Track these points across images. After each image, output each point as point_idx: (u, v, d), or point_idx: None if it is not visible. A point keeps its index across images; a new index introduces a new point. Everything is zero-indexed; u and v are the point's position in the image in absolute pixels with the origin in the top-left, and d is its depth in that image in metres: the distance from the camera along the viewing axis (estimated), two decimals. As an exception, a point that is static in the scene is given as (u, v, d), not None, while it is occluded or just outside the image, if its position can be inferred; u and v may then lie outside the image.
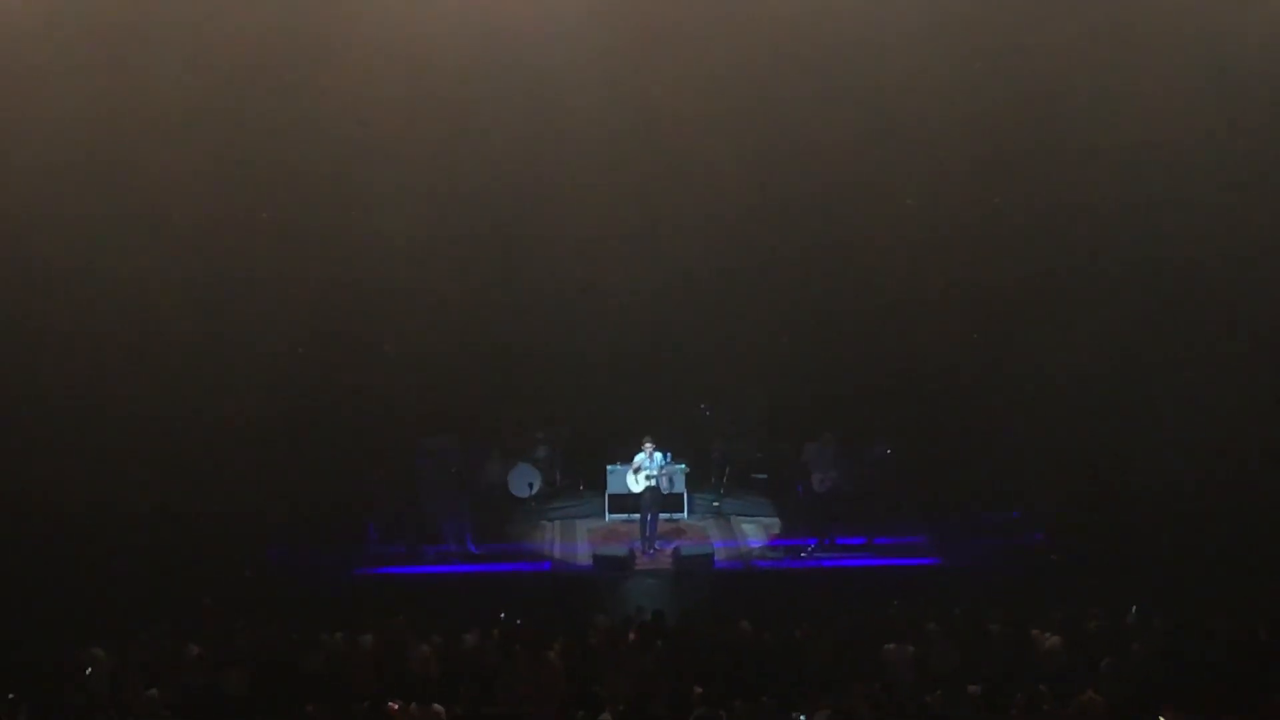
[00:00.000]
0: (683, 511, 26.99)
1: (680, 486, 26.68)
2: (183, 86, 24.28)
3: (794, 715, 16.66)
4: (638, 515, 25.62)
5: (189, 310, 25.22)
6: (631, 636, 19.64)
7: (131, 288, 24.66)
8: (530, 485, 27.59)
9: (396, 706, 14.49)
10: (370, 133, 24.74)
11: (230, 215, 25.15)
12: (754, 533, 26.61)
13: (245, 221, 25.34)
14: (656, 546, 25.17)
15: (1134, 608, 20.27)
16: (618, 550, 25.00)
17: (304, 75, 24.46)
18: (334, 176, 25.38)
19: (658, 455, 25.16)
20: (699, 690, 17.41)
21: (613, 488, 26.85)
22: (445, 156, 25.13)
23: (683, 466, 26.48)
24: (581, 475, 28.64)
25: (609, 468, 26.86)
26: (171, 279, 24.95)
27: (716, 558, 24.85)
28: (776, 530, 26.65)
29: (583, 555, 25.56)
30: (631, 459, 25.39)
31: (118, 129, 24.14)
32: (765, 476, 28.59)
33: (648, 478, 25.04)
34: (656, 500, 25.28)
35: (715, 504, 27.70)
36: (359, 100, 24.59)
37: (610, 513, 27.01)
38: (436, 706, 15.18)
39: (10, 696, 17.08)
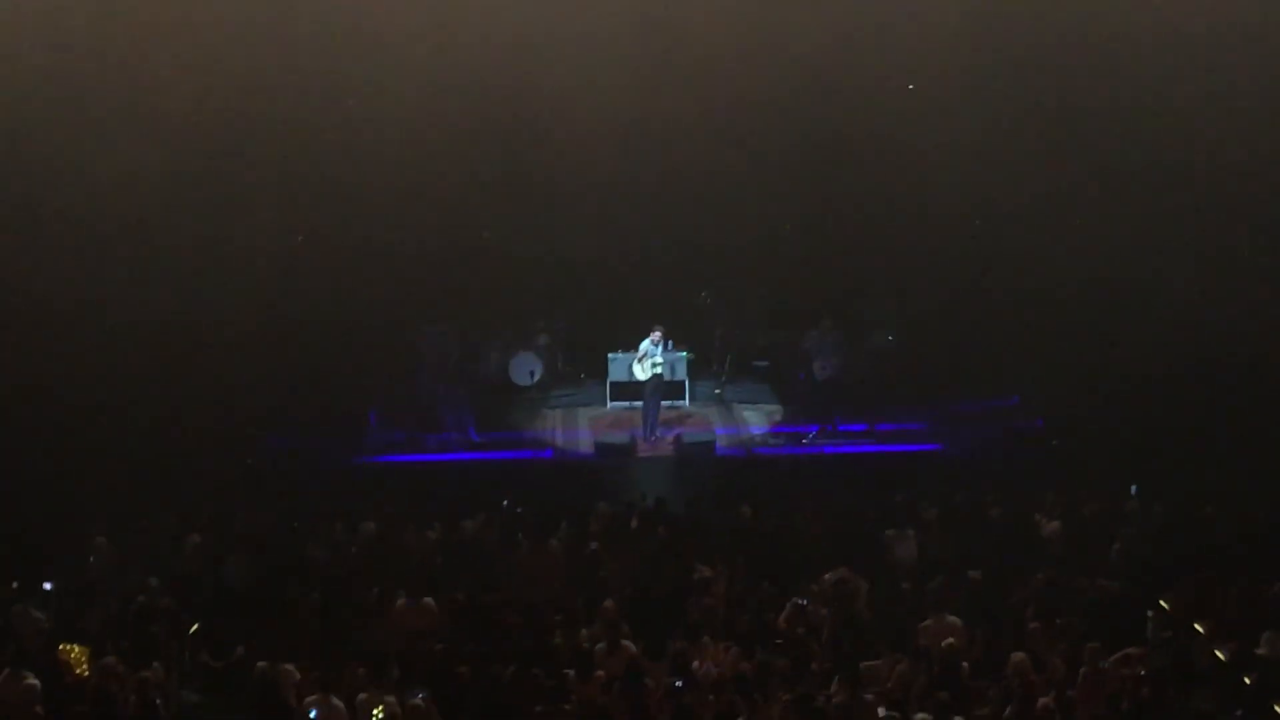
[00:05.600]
0: (684, 398, 26.98)
1: (682, 374, 26.65)
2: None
3: (795, 600, 16.70)
4: (639, 402, 25.59)
5: (190, 202, 25.02)
6: (633, 523, 19.69)
7: (133, 186, 24.41)
8: (531, 373, 27.57)
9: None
10: (370, 30, 24.44)
11: (226, 110, 24.87)
12: (755, 419, 26.65)
13: (243, 114, 25.05)
14: (658, 433, 25.17)
15: (1133, 489, 20.34)
16: (620, 437, 25.02)
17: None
18: (334, 71, 25.11)
19: (662, 343, 25.03)
20: (698, 577, 17.47)
21: (614, 375, 26.81)
22: (444, 50, 24.83)
23: (685, 354, 26.41)
24: (582, 363, 28.60)
25: (610, 356, 26.82)
26: (174, 174, 24.71)
27: (718, 444, 24.89)
28: (778, 417, 26.69)
29: (584, 442, 25.60)
30: (632, 347, 25.30)
31: (110, 25, 23.83)
32: (767, 363, 28.55)
33: (654, 365, 24.95)
34: (660, 388, 25.24)
35: (717, 391, 27.69)
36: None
37: (612, 400, 27.00)
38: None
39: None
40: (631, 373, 25.49)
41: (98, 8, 23.58)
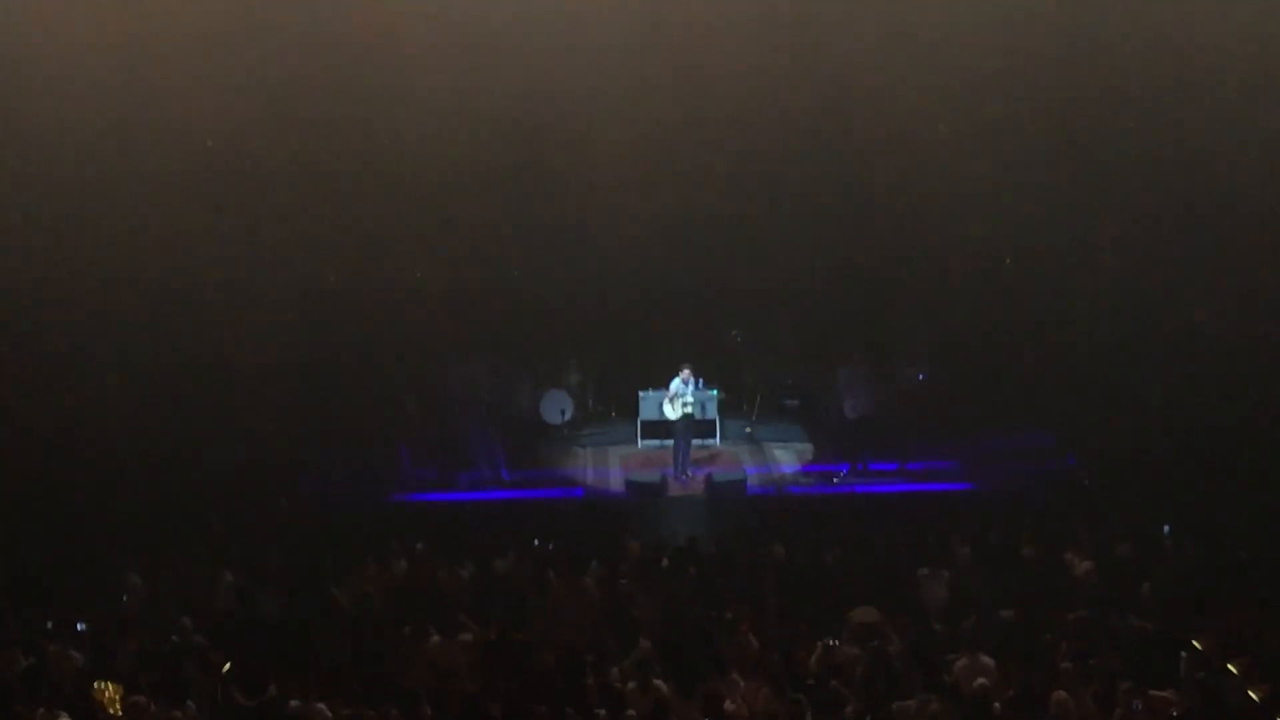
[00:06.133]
0: (715, 437, 26.98)
1: (713, 412, 26.66)
2: (204, 24, 24.10)
3: (826, 640, 16.69)
4: (670, 441, 25.59)
5: (222, 241, 25.15)
6: (664, 562, 19.69)
7: (164, 225, 24.60)
8: (562, 412, 27.61)
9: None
10: (399, 65, 24.54)
11: (260, 150, 24.99)
12: (786, 458, 26.60)
13: (276, 154, 25.16)
14: (689, 472, 25.16)
15: (1166, 528, 20.26)
16: (651, 476, 25.01)
17: (332, 10, 24.32)
18: (367, 109, 25.23)
19: (692, 382, 25.08)
20: (731, 616, 17.47)
21: (645, 414, 26.83)
22: (476, 88, 24.93)
23: (715, 392, 26.41)
24: (613, 401, 28.63)
25: (641, 394, 26.82)
26: (206, 212, 24.90)
27: (749, 483, 24.85)
28: (809, 456, 26.64)
29: (615, 481, 25.59)
30: (663, 385, 25.33)
31: (141, 61, 23.98)
32: (797, 402, 28.53)
33: (684, 405, 24.97)
34: (690, 427, 25.24)
35: (748, 429, 27.68)
36: (386, 35, 24.41)
37: (643, 439, 27.01)
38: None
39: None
40: (662, 411, 25.49)
41: (127, 43, 23.69)
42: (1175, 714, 14.44)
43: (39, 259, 24.34)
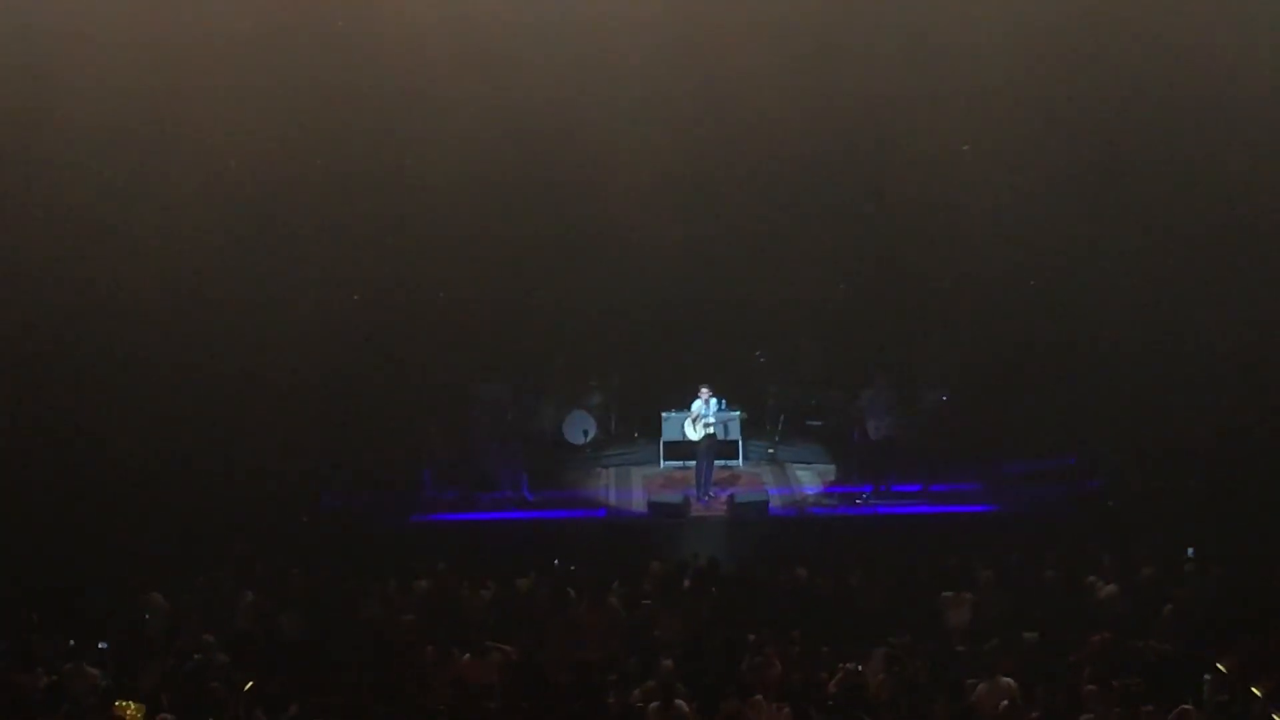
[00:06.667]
0: (738, 458, 26.91)
1: (735, 433, 26.60)
2: (231, 36, 24.17)
3: (849, 665, 16.64)
4: (693, 462, 25.56)
5: (244, 260, 25.24)
6: (686, 583, 19.67)
7: (185, 242, 24.67)
8: (585, 432, 27.61)
9: None
10: (420, 81, 24.59)
11: (282, 168, 25.05)
12: (809, 479, 26.54)
13: (298, 173, 25.24)
14: (712, 493, 25.11)
15: (1189, 551, 20.17)
16: (673, 497, 24.97)
17: (354, 26, 24.35)
18: (384, 125, 25.25)
19: (714, 402, 25.06)
20: (753, 637, 17.44)
21: (668, 434, 26.81)
22: (498, 107, 24.97)
23: (738, 413, 26.37)
24: (636, 422, 28.63)
25: (664, 414, 26.81)
26: (227, 231, 24.96)
27: (771, 504, 24.79)
28: (831, 477, 26.57)
29: (638, 502, 25.55)
30: (686, 406, 25.32)
31: (165, 78, 24.05)
32: (820, 423, 28.47)
33: (706, 426, 24.96)
34: (713, 447, 25.23)
35: (770, 450, 27.63)
36: (408, 49, 24.44)
37: (665, 459, 26.96)
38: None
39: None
40: (684, 432, 25.48)
41: (150, 62, 23.76)
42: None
43: (64, 275, 24.45)
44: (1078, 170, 25.01)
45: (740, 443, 26.85)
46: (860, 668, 16.58)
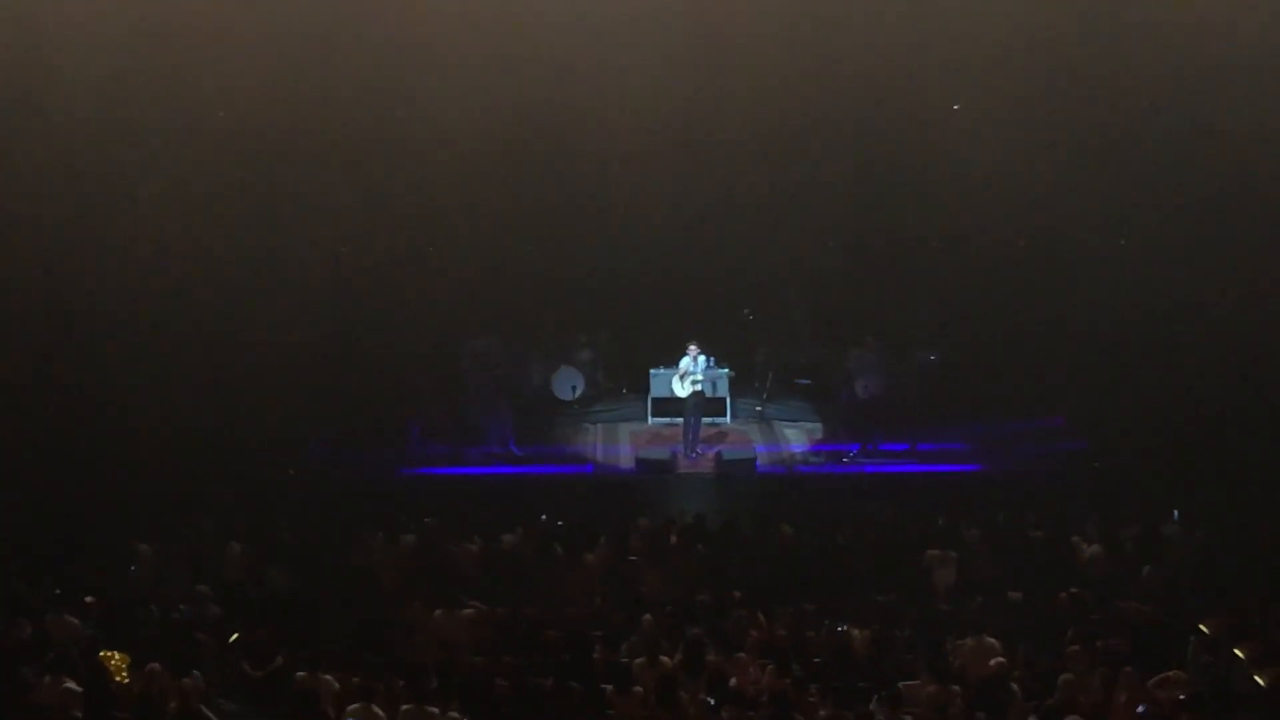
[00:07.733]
0: (726, 416, 26.97)
1: (723, 391, 26.63)
2: (227, 5, 24.10)
3: (835, 625, 16.67)
4: (681, 419, 25.59)
5: (234, 215, 25.23)
6: (673, 539, 19.70)
7: (177, 198, 24.64)
8: (573, 388, 27.63)
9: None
10: (414, 43, 24.50)
11: (273, 124, 24.94)
12: (796, 437, 26.59)
13: (289, 129, 25.12)
14: (699, 450, 25.15)
15: (1175, 513, 20.23)
16: (660, 453, 25.00)
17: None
18: (380, 86, 25.16)
19: (702, 359, 25.06)
20: (738, 594, 17.48)
21: (656, 391, 26.83)
22: (490, 66, 24.87)
23: (726, 371, 26.37)
24: (624, 378, 28.63)
25: (652, 371, 26.82)
26: (218, 186, 24.95)
27: (759, 462, 24.81)
28: (819, 435, 26.63)
29: (625, 458, 25.59)
30: (674, 363, 25.32)
31: (161, 40, 23.97)
32: (808, 381, 28.49)
33: (693, 382, 24.97)
34: (700, 404, 25.25)
35: (758, 408, 27.66)
36: (403, 13, 24.38)
37: (653, 416, 27.00)
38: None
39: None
40: (672, 389, 25.49)
41: (145, 24, 23.67)
42: (1181, 697, 14.41)
43: (47, 234, 24.38)
44: (1068, 130, 25.00)
45: (728, 400, 26.90)
46: (845, 628, 16.62)
